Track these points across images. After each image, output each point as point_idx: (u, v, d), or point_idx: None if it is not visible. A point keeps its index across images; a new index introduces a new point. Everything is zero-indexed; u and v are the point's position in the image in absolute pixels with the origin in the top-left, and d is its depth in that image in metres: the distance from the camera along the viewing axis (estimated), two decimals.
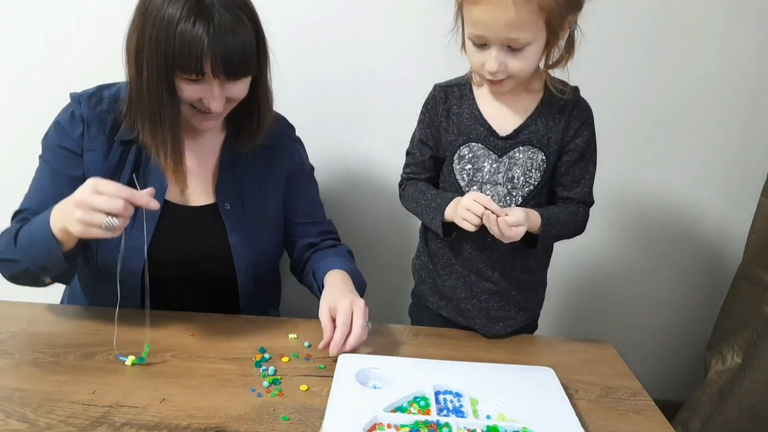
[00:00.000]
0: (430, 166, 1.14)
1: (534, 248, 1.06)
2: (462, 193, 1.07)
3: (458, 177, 1.09)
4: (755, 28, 1.53)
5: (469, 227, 0.98)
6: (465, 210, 0.98)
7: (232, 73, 0.95)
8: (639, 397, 0.96)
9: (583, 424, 0.83)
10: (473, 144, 1.06)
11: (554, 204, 1.12)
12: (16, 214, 1.06)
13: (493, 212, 0.95)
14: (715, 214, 1.71)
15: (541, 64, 1.02)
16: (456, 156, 1.08)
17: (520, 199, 1.07)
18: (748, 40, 1.54)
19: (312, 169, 1.28)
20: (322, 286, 1.08)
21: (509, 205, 1.07)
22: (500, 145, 1.05)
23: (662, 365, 1.87)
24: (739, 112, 1.60)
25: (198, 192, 1.12)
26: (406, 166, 1.18)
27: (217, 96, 0.97)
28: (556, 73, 1.03)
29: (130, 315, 1.05)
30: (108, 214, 0.82)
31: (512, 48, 0.93)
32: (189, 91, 0.96)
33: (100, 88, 1.08)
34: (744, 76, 1.57)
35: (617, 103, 1.56)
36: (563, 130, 1.05)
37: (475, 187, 1.07)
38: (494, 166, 1.06)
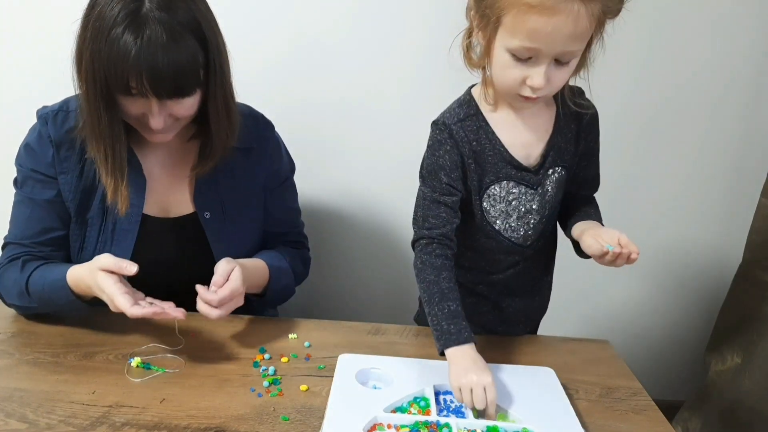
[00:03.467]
0: (456, 216, 0.98)
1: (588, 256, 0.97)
2: (496, 233, 1.01)
3: (490, 218, 1.01)
4: (755, 28, 1.53)
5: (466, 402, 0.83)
6: (466, 394, 0.82)
7: (163, 92, 0.89)
8: (639, 397, 0.96)
9: (583, 424, 0.83)
10: (503, 182, 0.99)
11: (572, 202, 1.08)
12: (4, 245, 1.06)
13: None
14: (715, 214, 1.71)
15: None
16: (486, 195, 1.00)
17: (545, 219, 1.03)
18: (748, 40, 1.53)
19: (292, 171, 1.24)
20: None
21: (538, 230, 1.03)
22: (533, 179, 0.99)
23: (662, 365, 1.87)
24: (739, 112, 1.60)
25: (177, 202, 1.09)
26: (427, 223, 0.97)
27: (156, 113, 0.92)
28: None
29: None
30: None
31: (559, 61, 0.85)
32: (129, 106, 0.92)
33: (66, 102, 1.04)
34: (744, 76, 1.57)
35: (617, 103, 1.56)
36: (582, 139, 1.02)
37: (511, 221, 1.01)
38: (529, 197, 1.00)
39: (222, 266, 0.99)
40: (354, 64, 1.52)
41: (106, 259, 0.91)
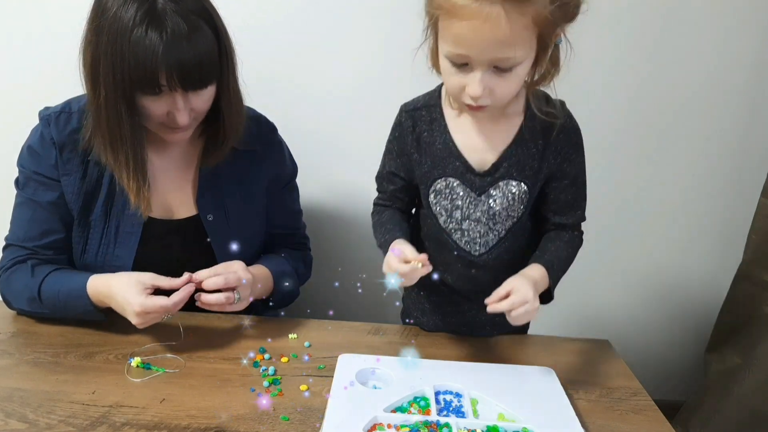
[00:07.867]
0: (402, 196, 1.05)
1: (547, 303, 0.98)
2: (441, 229, 1.01)
3: (435, 212, 1.00)
4: (755, 28, 1.52)
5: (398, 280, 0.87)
6: (386, 265, 0.89)
7: (190, 84, 0.91)
8: (639, 397, 0.96)
9: (583, 424, 0.83)
10: (450, 178, 0.96)
11: (545, 232, 1.05)
12: (6, 246, 1.06)
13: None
14: (715, 214, 1.71)
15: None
16: (432, 190, 0.98)
17: (503, 232, 1.00)
18: (748, 40, 1.53)
19: (294, 173, 1.24)
20: None
21: (488, 244, 1.00)
22: (478, 183, 0.95)
23: (662, 365, 1.87)
24: (739, 112, 1.60)
25: (180, 204, 1.09)
26: (378, 191, 1.09)
27: (182, 108, 0.93)
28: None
29: None
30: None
31: (499, 68, 0.79)
32: (153, 107, 0.93)
33: (69, 103, 1.04)
34: (744, 76, 1.57)
35: (616, 102, 1.55)
36: (550, 156, 0.95)
37: (453, 223, 1.00)
38: (473, 203, 0.97)
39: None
40: (355, 64, 1.52)
41: (147, 277, 0.95)
